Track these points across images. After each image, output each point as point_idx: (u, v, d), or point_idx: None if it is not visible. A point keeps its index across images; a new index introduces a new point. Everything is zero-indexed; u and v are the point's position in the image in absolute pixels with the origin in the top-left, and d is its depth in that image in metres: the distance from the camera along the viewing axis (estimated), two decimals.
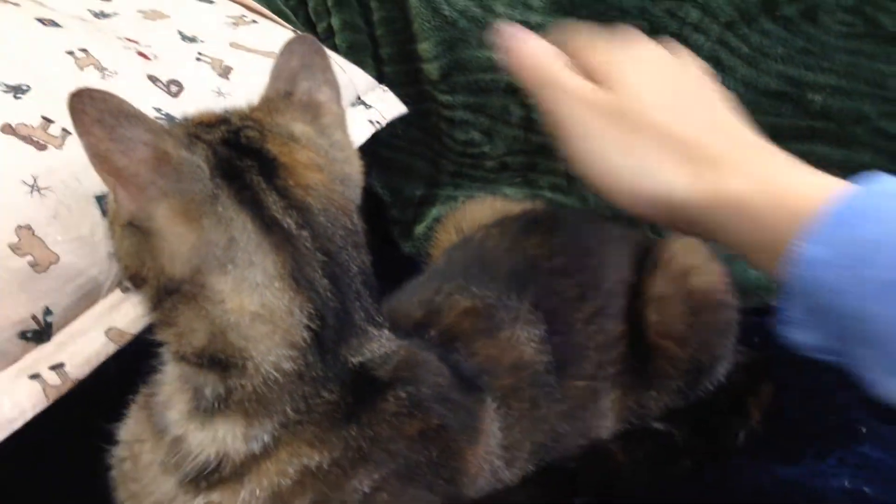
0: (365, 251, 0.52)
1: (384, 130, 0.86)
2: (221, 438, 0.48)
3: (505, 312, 0.62)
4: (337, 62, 0.77)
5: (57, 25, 0.70)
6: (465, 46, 0.96)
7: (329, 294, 0.48)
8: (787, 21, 0.89)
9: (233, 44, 0.82)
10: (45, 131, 0.59)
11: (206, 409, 0.49)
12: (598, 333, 0.65)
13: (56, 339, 0.57)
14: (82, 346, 0.58)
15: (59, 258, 0.56)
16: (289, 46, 0.57)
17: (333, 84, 0.56)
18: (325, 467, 0.48)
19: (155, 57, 0.74)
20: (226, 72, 0.77)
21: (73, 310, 0.58)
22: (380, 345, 0.51)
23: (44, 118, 0.60)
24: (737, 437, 0.68)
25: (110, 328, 0.60)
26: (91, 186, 0.53)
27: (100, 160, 0.46)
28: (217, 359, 0.48)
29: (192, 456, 0.49)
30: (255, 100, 0.55)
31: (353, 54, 0.97)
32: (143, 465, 0.52)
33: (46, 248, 0.56)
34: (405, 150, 1.04)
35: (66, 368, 0.57)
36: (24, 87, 0.62)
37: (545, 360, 0.61)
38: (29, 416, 0.54)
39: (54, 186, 0.57)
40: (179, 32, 0.80)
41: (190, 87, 0.73)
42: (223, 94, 0.75)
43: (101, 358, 0.59)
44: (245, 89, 0.63)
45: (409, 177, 1.04)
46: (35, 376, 0.56)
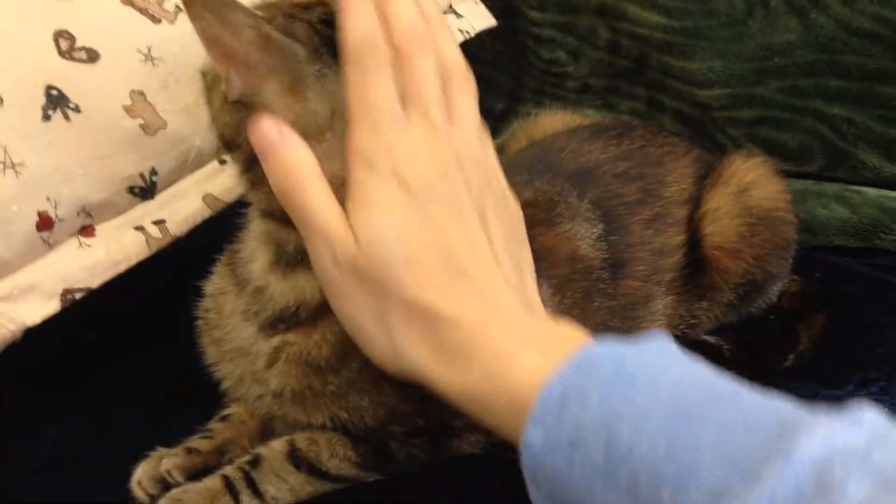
0: None
1: (471, 42, 0.88)
2: (301, 287, 0.53)
3: (565, 208, 0.64)
4: None
5: None
6: None
7: None
8: None
9: None
10: (160, 6, 0.62)
11: (289, 262, 0.53)
12: (655, 238, 0.66)
13: (159, 197, 0.63)
14: (182, 207, 0.64)
15: (166, 124, 0.61)
16: None
17: None
18: None
19: None
20: None
21: (176, 173, 0.64)
22: None
23: None
24: (784, 359, 0.69)
25: (207, 194, 0.65)
26: (197, 61, 0.56)
27: (212, 43, 0.48)
28: None
29: (273, 303, 0.54)
30: None
31: None
32: (226, 314, 0.58)
33: (156, 113, 0.61)
34: (490, 63, 1.05)
35: (167, 224, 0.63)
36: None
37: (601, 256, 0.64)
38: (133, 262, 0.61)
39: (165, 58, 0.61)
40: None
41: None
42: None
43: (198, 219, 0.65)
44: None
45: (491, 90, 1.06)
46: (139, 228, 0.62)
